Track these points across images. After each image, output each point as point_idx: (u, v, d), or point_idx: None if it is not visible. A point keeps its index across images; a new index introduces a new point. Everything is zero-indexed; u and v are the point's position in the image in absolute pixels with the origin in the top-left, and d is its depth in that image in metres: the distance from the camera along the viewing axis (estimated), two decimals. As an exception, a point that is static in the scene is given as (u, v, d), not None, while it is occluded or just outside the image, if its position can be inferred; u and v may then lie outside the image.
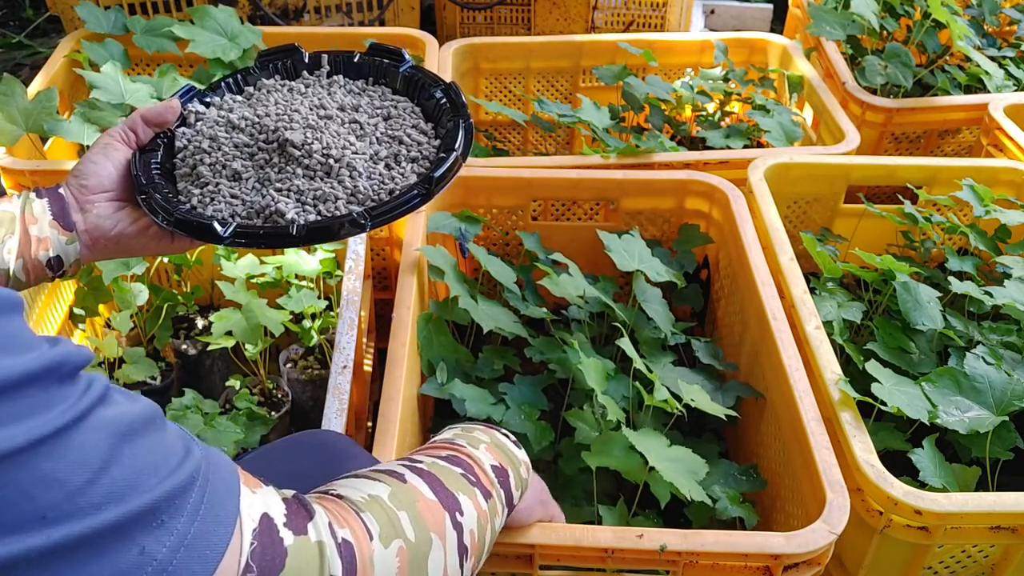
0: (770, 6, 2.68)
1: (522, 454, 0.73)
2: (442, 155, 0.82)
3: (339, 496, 0.54)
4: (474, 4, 2.29)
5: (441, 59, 1.71)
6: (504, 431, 0.74)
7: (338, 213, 0.79)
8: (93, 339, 1.37)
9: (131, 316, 1.34)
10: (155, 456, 0.43)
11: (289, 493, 0.51)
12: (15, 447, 0.37)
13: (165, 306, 1.39)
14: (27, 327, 0.41)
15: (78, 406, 0.40)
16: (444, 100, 0.87)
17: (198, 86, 0.91)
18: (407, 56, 0.92)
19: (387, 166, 0.84)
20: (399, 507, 0.54)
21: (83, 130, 1.43)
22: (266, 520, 0.46)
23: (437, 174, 0.79)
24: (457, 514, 0.58)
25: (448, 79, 1.66)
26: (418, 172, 0.83)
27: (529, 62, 1.84)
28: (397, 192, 0.80)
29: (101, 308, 1.36)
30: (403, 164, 0.84)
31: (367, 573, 0.50)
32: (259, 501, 0.47)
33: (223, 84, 0.92)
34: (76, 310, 1.33)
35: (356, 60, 0.94)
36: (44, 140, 1.56)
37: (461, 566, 0.58)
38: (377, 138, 0.86)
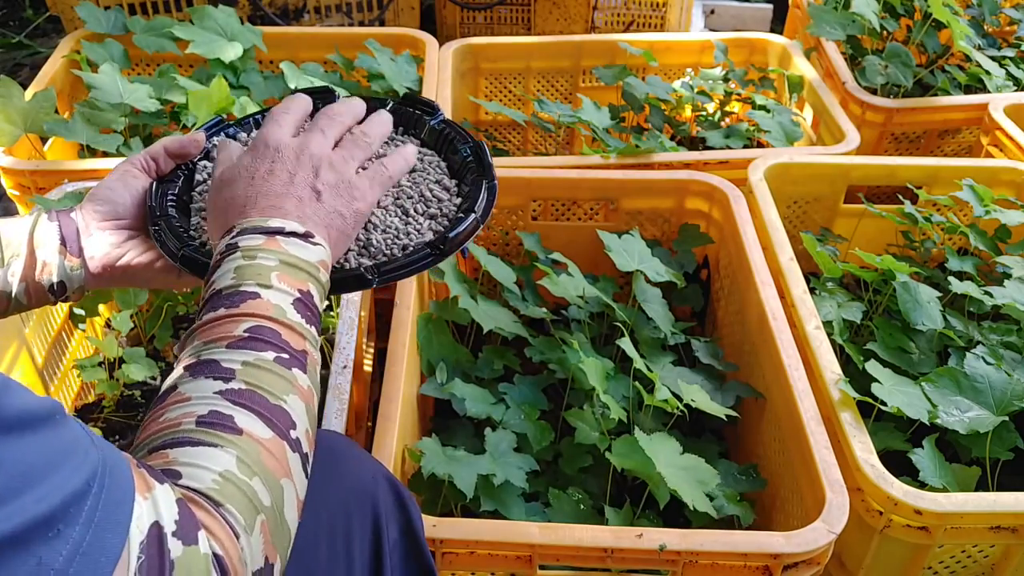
0: (770, 6, 2.68)
1: (316, 254, 0.66)
2: (460, 215, 0.79)
3: (193, 490, 0.51)
4: (474, 4, 2.29)
5: (441, 59, 1.71)
6: (292, 229, 0.66)
7: (347, 266, 0.77)
8: (93, 339, 1.37)
9: (131, 316, 1.34)
10: (48, 458, 0.41)
11: (175, 492, 0.49)
12: None
13: (165, 306, 1.39)
14: None
15: None
16: (471, 158, 0.85)
17: (226, 119, 0.89)
18: (439, 108, 0.90)
19: (404, 220, 0.81)
20: (250, 475, 0.53)
21: (83, 130, 1.43)
22: (155, 530, 0.45)
23: (452, 234, 0.76)
24: (291, 431, 0.57)
25: (449, 86, 1.65)
26: (435, 229, 0.80)
27: (529, 62, 1.84)
28: (410, 248, 0.78)
29: (101, 308, 1.36)
30: (420, 220, 0.81)
31: (237, 573, 0.49)
32: (148, 509, 0.46)
33: (251, 120, 0.89)
34: (76, 310, 1.32)
35: (388, 108, 0.91)
36: (44, 140, 1.56)
37: (305, 471, 0.57)
38: (398, 191, 0.83)
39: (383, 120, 0.81)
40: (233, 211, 0.69)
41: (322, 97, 0.90)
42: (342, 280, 0.75)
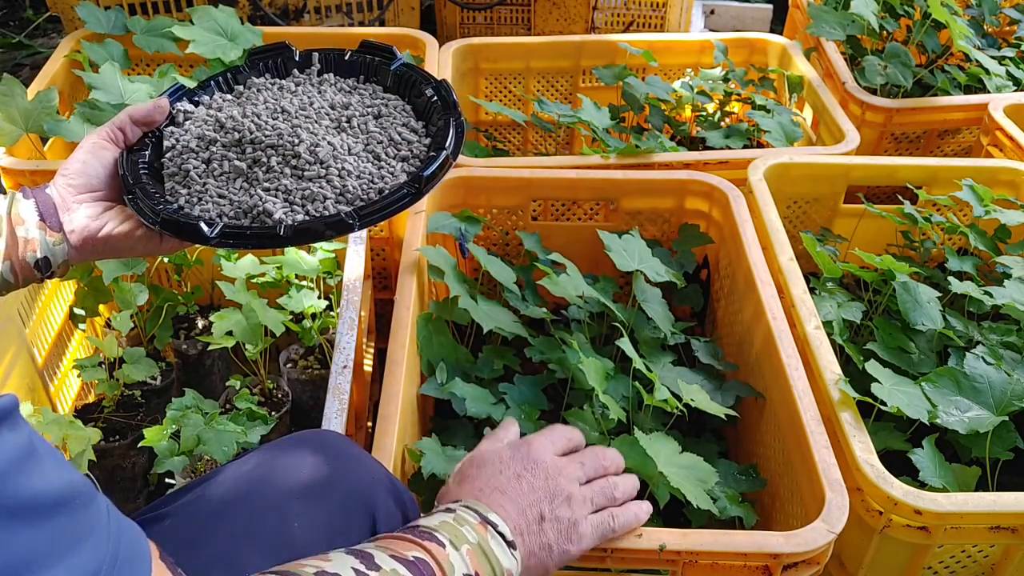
0: (770, 6, 2.68)
1: (510, 561, 0.69)
2: (432, 154, 0.82)
3: None
4: (474, 4, 2.29)
5: (441, 59, 1.71)
6: (503, 530, 0.70)
7: (326, 213, 0.78)
8: (93, 339, 1.37)
9: (131, 316, 1.34)
10: (51, 548, 0.39)
11: None
12: None
13: (165, 306, 1.39)
14: None
15: None
16: (435, 98, 0.87)
17: (188, 84, 0.91)
18: (398, 54, 0.92)
19: (376, 165, 0.83)
20: None
21: (83, 130, 1.43)
22: None
23: (426, 173, 0.79)
24: None
25: (447, 79, 1.66)
26: (408, 171, 0.83)
27: (529, 62, 1.84)
28: (386, 191, 0.80)
29: (101, 308, 1.36)
30: (393, 163, 0.83)
31: None
32: None
33: (212, 83, 0.91)
34: (76, 310, 1.33)
35: (347, 58, 0.93)
36: (44, 140, 1.56)
37: None
38: (367, 137, 0.85)
39: (642, 506, 0.84)
40: (468, 487, 0.75)
41: (280, 52, 0.93)
42: (325, 224, 0.76)
